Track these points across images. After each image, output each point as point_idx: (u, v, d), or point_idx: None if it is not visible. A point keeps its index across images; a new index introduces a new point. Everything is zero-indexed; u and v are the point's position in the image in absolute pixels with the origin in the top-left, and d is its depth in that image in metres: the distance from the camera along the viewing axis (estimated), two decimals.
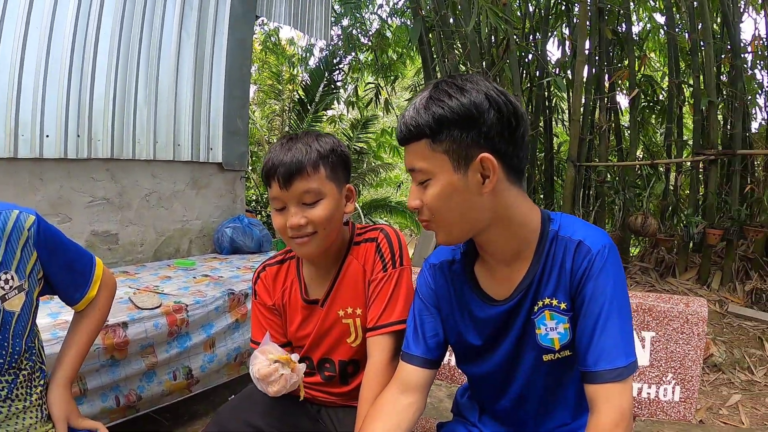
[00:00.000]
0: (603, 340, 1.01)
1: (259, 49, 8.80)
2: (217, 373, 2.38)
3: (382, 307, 1.29)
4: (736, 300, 4.18)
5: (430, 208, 1.04)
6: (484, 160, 0.99)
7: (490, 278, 1.15)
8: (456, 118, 0.98)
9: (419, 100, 1.02)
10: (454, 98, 0.98)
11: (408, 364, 1.20)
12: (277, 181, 1.23)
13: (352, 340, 1.37)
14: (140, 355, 2.06)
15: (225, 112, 3.50)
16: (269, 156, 1.27)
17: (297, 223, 1.24)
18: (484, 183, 1.00)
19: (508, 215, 1.05)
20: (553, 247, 1.08)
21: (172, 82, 3.22)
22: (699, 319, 1.64)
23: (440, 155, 1.00)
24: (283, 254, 1.48)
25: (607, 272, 1.03)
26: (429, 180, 1.02)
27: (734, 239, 4.30)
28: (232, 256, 3.38)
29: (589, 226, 1.09)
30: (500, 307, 1.12)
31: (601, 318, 1.01)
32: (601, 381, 1.00)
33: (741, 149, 4.40)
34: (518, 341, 1.13)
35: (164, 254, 3.30)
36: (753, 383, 3.38)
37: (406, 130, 1.02)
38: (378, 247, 1.34)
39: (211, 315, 2.34)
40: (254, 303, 1.46)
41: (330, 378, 1.41)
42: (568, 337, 1.08)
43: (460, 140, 0.99)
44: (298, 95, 8.45)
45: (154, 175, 3.20)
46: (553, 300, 1.08)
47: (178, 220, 3.37)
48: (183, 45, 3.26)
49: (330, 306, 1.37)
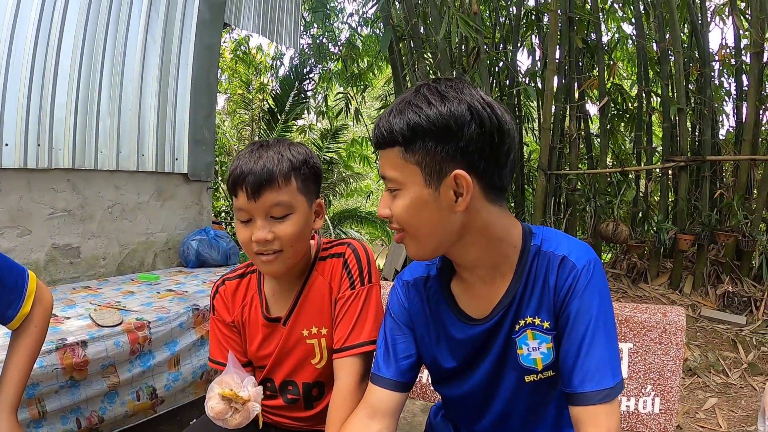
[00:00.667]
0: (589, 360, 0.96)
1: (229, 58, 8.71)
2: (183, 392, 2.29)
3: (350, 327, 1.21)
4: (708, 304, 4.22)
5: (399, 219, 0.98)
6: (457, 176, 0.92)
7: (468, 296, 1.08)
8: (432, 129, 0.91)
9: (397, 104, 0.96)
10: (432, 106, 0.91)
11: (378, 387, 1.13)
12: (245, 191, 1.15)
13: (316, 361, 1.29)
14: (101, 375, 1.97)
15: (191, 120, 3.42)
16: (237, 163, 1.18)
17: (263, 237, 1.15)
18: (456, 201, 0.94)
19: (485, 233, 0.99)
20: (536, 263, 1.02)
21: (136, 90, 3.13)
22: (677, 328, 1.62)
23: (412, 166, 0.94)
24: (244, 268, 1.39)
25: (592, 289, 0.98)
26: (399, 190, 0.96)
27: (705, 244, 4.35)
28: (198, 270, 3.29)
29: (572, 241, 1.04)
30: (479, 327, 1.06)
31: (587, 337, 0.96)
32: (587, 403, 0.94)
33: (710, 155, 4.46)
34: (498, 361, 1.07)
35: (128, 268, 3.19)
36: (728, 386, 3.40)
37: (380, 134, 0.97)
38: (345, 263, 1.27)
39: (174, 332, 2.25)
40: (212, 319, 1.37)
41: (293, 401, 1.33)
42: (552, 357, 1.03)
43: (434, 153, 0.92)
44: (267, 104, 8.39)
45: (117, 186, 3.10)
46: (536, 319, 1.02)
47: (143, 232, 3.27)
48: (148, 51, 3.18)
49: (293, 325, 1.28)
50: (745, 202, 4.34)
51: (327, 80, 8.22)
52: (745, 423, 2.99)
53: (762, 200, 4.21)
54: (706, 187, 4.46)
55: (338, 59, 7.66)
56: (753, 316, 4.02)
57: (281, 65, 8.80)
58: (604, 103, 4.83)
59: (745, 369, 3.54)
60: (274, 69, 8.80)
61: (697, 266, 4.44)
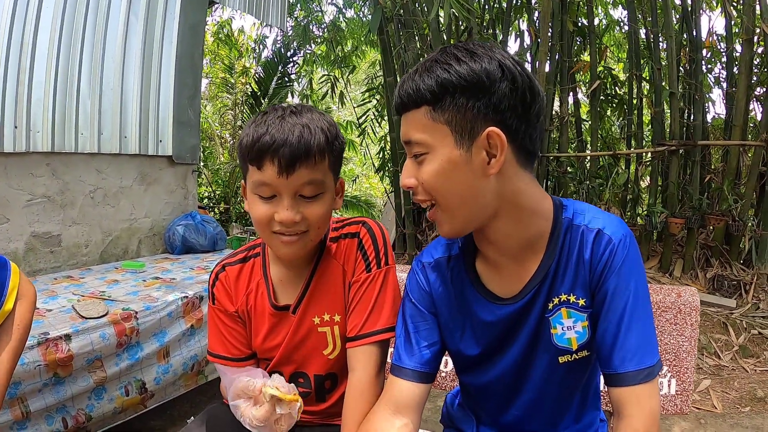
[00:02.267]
0: (629, 339, 0.91)
1: (211, 41, 8.52)
2: (174, 384, 2.21)
3: (366, 313, 1.12)
4: (698, 287, 4.23)
5: (427, 187, 0.91)
6: (491, 135, 0.86)
7: (496, 275, 1.02)
8: (463, 84, 0.85)
9: (422, 64, 0.90)
10: (463, 63, 0.86)
11: (399, 378, 1.05)
12: (276, 165, 1.00)
13: (329, 351, 1.19)
14: (87, 370, 1.88)
15: (175, 101, 3.31)
16: (260, 131, 1.02)
17: (291, 218, 1.03)
18: (489, 163, 0.88)
19: (517, 202, 0.93)
20: (568, 238, 0.96)
21: (118, 69, 3.01)
22: (691, 308, 1.57)
23: (441, 126, 0.87)
24: (246, 251, 1.26)
25: (630, 264, 0.93)
26: (426, 154, 0.90)
27: (695, 228, 4.37)
28: (185, 256, 3.19)
29: (605, 214, 0.98)
30: (510, 307, 1.00)
31: (626, 315, 0.92)
32: (629, 383, 0.90)
33: (701, 140, 4.46)
34: (530, 343, 1.01)
35: (111, 256, 3.08)
36: (721, 368, 3.42)
37: (405, 95, 0.90)
38: (360, 244, 1.16)
39: (163, 322, 2.16)
40: (212, 309, 1.25)
41: (304, 395, 1.21)
42: (587, 336, 0.98)
43: (465, 110, 0.86)
44: (251, 88, 8.22)
45: (98, 170, 2.98)
46: (571, 296, 0.97)
47: (126, 218, 3.16)
48: (131, 29, 3.06)
49: (303, 313, 1.17)
50: (735, 187, 4.36)
51: (311, 63, 8.08)
52: (739, 404, 3.00)
53: (751, 185, 4.23)
54: (697, 171, 4.47)
55: (322, 42, 7.53)
56: (743, 299, 4.04)
57: (264, 48, 8.64)
58: (595, 86, 4.80)
59: (736, 351, 3.56)
60: (257, 52, 8.63)
61: (687, 250, 4.46)
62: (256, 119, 1.07)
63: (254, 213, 1.07)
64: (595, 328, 0.96)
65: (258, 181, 1.03)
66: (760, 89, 4.49)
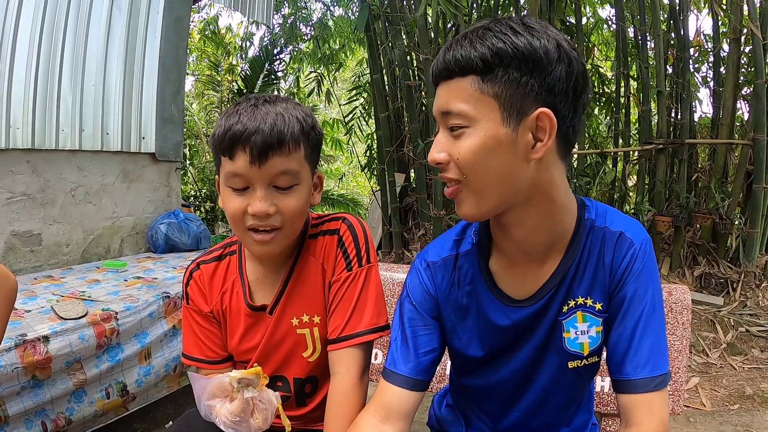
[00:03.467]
0: (644, 345, 0.89)
1: (197, 38, 8.43)
2: (156, 386, 2.16)
3: (348, 314, 1.07)
4: (686, 285, 4.23)
5: (463, 163, 0.83)
6: (542, 116, 0.80)
7: (511, 275, 0.96)
8: (519, 57, 0.79)
9: (471, 32, 0.82)
10: (520, 36, 0.79)
11: (392, 385, 0.99)
12: (247, 153, 0.96)
13: (308, 353, 1.13)
14: (66, 372, 1.83)
15: (159, 97, 3.26)
16: (233, 119, 0.98)
17: (264, 210, 0.98)
18: (534, 146, 0.82)
19: (550, 194, 0.87)
20: (590, 239, 0.93)
21: (100, 64, 2.96)
22: (683, 307, 1.55)
23: (488, 99, 0.80)
24: (221, 249, 1.21)
25: (650, 270, 0.91)
26: (466, 128, 0.82)
27: (682, 226, 4.38)
28: (168, 255, 3.14)
29: (626, 216, 0.96)
30: (525, 309, 0.95)
31: (642, 321, 0.90)
32: (642, 390, 0.88)
33: (688, 139, 4.48)
34: (541, 347, 0.97)
35: (93, 255, 3.02)
36: (709, 365, 3.43)
37: (453, 60, 0.81)
38: (340, 241, 1.10)
39: (144, 322, 2.11)
40: (186, 309, 1.19)
41: (284, 399, 1.16)
42: (599, 342, 0.95)
43: (518, 85, 0.79)
44: (237, 86, 8.14)
45: (80, 168, 2.92)
46: (588, 299, 0.93)
47: (108, 216, 3.10)
48: (114, 23, 3.00)
49: (281, 313, 1.12)
50: (722, 186, 4.38)
51: (298, 61, 8.02)
52: (728, 402, 3.00)
53: (738, 183, 4.26)
54: (684, 170, 4.48)
55: (310, 39, 7.48)
56: (730, 297, 4.06)
57: (251, 45, 8.56)
58: None
59: (724, 349, 3.57)
60: (244, 49, 8.55)
61: (675, 248, 4.47)
62: (229, 109, 1.03)
63: (226, 207, 1.02)
64: (608, 333, 0.93)
65: (230, 172, 0.99)
66: (747, 88, 4.52)
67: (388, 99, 5.20)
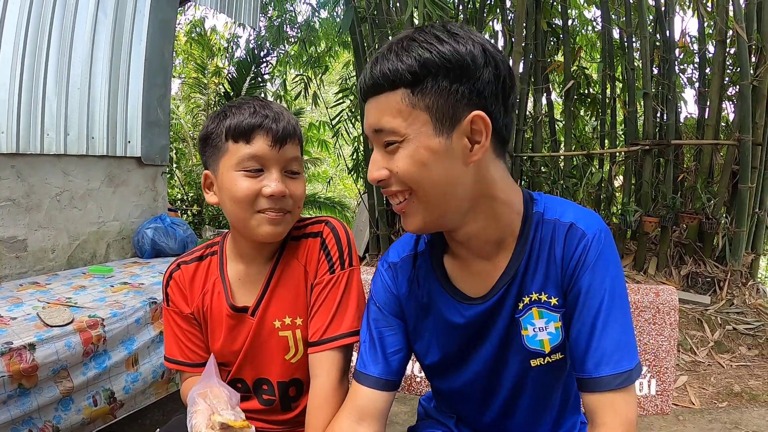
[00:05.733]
0: (604, 341, 0.86)
1: (183, 40, 8.38)
2: (144, 393, 2.13)
3: (329, 317, 1.07)
4: (672, 284, 4.27)
5: (404, 177, 0.83)
6: (476, 119, 0.80)
7: (464, 273, 0.97)
8: (447, 66, 0.79)
9: (395, 44, 0.82)
10: (445, 43, 0.79)
11: (363, 386, 1.00)
12: (268, 137, 1.02)
13: (291, 355, 1.14)
14: (53, 380, 1.80)
15: (144, 101, 3.22)
16: (246, 111, 1.04)
17: (282, 190, 1.03)
18: (472, 149, 0.82)
19: (492, 194, 0.87)
20: (539, 233, 0.91)
21: (86, 68, 2.93)
22: (670, 308, 1.57)
23: (419, 112, 0.80)
24: (203, 249, 1.21)
25: (605, 261, 0.88)
26: (401, 142, 0.82)
27: (669, 226, 4.42)
28: (154, 260, 3.11)
29: (579, 207, 0.93)
30: (478, 307, 0.94)
31: (601, 315, 0.86)
32: (604, 389, 0.85)
33: (674, 140, 4.52)
34: (501, 345, 0.96)
35: (79, 261, 2.98)
36: (697, 364, 3.46)
37: (381, 75, 0.81)
38: (323, 244, 1.11)
39: (131, 328, 2.08)
40: (166, 311, 1.19)
41: (269, 402, 1.17)
42: (560, 338, 0.93)
43: (448, 94, 0.79)
44: (223, 89, 8.11)
45: (65, 172, 2.88)
46: (542, 295, 0.91)
47: (94, 221, 3.06)
48: (99, 26, 2.97)
49: (263, 315, 1.12)
50: (708, 186, 4.42)
51: (284, 64, 8.00)
52: (716, 399, 3.03)
53: (724, 184, 4.29)
54: (670, 170, 4.52)
55: (296, 42, 7.46)
56: (717, 296, 4.10)
57: (237, 48, 8.54)
58: (569, 86, 4.83)
59: (711, 347, 3.60)
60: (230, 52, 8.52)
61: (661, 248, 4.51)
62: (233, 104, 1.08)
63: (236, 190, 1.03)
64: (569, 330, 0.91)
65: (247, 155, 1.03)
66: (732, 89, 4.57)
67: None
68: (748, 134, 4.04)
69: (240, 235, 1.11)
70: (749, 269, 4.37)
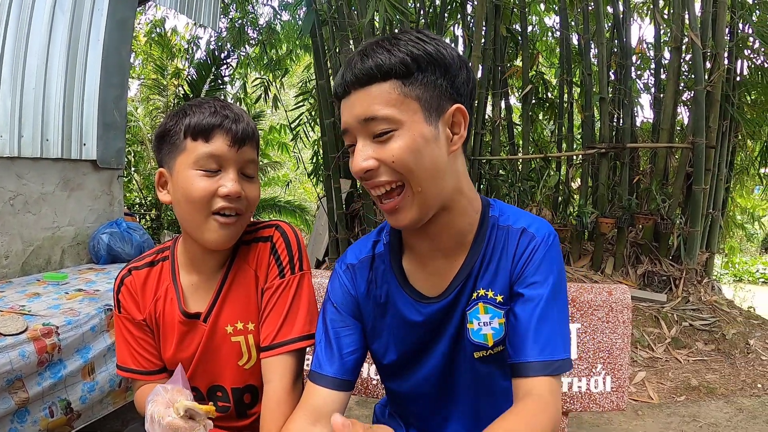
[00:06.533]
0: (543, 330, 0.90)
1: (143, 41, 8.20)
2: (101, 403, 2.07)
3: (280, 322, 1.07)
4: (629, 283, 4.40)
5: (400, 165, 0.86)
6: (458, 111, 0.88)
7: (422, 272, 1.00)
8: (434, 62, 0.86)
9: (381, 41, 0.88)
10: (428, 44, 0.87)
11: (319, 386, 1.00)
12: (228, 136, 1.02)
13: (244, 361, 1.13)
14: (7, 391, 1.73)
15: (101, 102, 3.12)
16: (207, 110, 1.03)
17: (238, 190, 1.02)
18: (452, 139, 0.89)
19: (460, 187, 0.93)
20: (494, 236, 0.97)
21: (41, 67, 2.82)
22: (623, 306, 1.61)
23: (411, 101, 0.85)
24: (154, 254, 1.19)
25: (550, 260, 0.95)
26: (394, 131, 0.86)
27: (625, 227, 4.55)
28: (110, 266, 3.03)
29: (530, 215, 1.01)
30: (435, 305, 0.98)
31: (540, 307, 0.91)
32: (534, 374, 0.88)
33: (630, 143, 4.65)
34: (453, 341, 1.00)
35: (33, 267, 2.87)
36: (655, 359, 3.56)
37: (375, 66, 0.85)
38: (273, 248, 1.11)
39: (86, 336, 2.02)
40: (118, 318, 1.16)
41: (224, 409, 1.15)
42: (503, 333, 0.96)
43: (435, 86, 0.86)
44: (183, 91, 7.97)
45: (19, 175, 2.78)
46: (489, 291, 0.96)
47: (48, 226, 2.96)
48: (56, 24, 2.87)
49: (215, 321, 1.11)
50: (663, 187, 4.57)
51: (245, 66, 7.92)
52: (675, 394, 3.13)
53: (678, 185, 4.45)
54: (626, 173, 4.66)
55: (257, 44, 7.39)
56: (672, 293, 4.24)
57: (197, 49, 8.39)
58: (527, 91, 4.93)
59: (668, 343, 3.72)
60: (190, 53, 8.37)
61: (618, 248, 4.63)
62: (193, 103, 1.07)
63: (194, 190, 1.02)
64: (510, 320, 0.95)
65: (205, 154, 1.02)
66: (687, 94, 4.74)
67: (334, 105, 5.19)
68: (702, 137, 4.19)
69: (190, 238, 1.09)
70: (704, 267, 4.54)
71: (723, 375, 3.36)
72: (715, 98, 4.29)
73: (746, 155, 5.67)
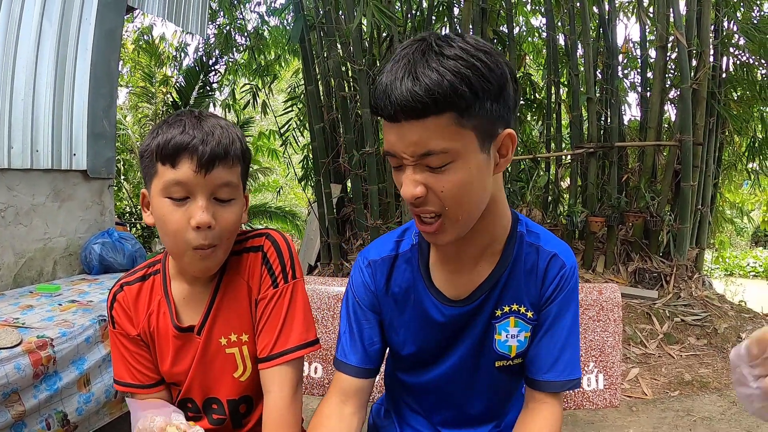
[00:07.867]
0: (564, 356, 1.01)
1: (131, 48, 8.17)
2: (97, 414, 2.07)
3: (277, 332, 1.06)
4: (620, 281, 4.43)
5: (449, 197, 0.84)
6: (509, 137, 0.86)
7: (448, 275, 1.02)
8: (491, 88, 0.80)
9: (436, 61, 0.78)
10: (483, 62, 0.79)
11: (344, 374, 1.06)
12: (193, 161, 0.94)
13: (239, 373, 1.12)
14: (4, 404, 1.73)
15: (90, 112, 3.11)
16: (175, 130, 0.96)
17: (207, 221, 0.96)
18: (498, 163, 0.89)
19: (496, 200, 0.94)
20: (523, 251, 1.01)
21: (30, 78, 2.81)
22: (614, 305, 1.63)
23: (468, 132, 0.81)
24: (145, 268, 1.17)
25: (575, 290, 1.02)
26: (451, 163, 0.81)
27: (615, 225, 4.58)
28: (103, 276, 3.01)
29: (557, 239, 1.05)
30: (460, 309, 1.01)
31: (566, 333, 1.01)
32: (552, 390, 1.02)
33: (618, 142, 4.69)
34: (475, 347, 1.04)
35: (26, 279, 2.86)
36: (648, 356, 3.59)
37: (426, 95, 0.76)
38: (265, 258, 1.09)
39: (81, 348, 2.02)
40: (113, 333, 1.14)
41: (220, 422, 1.15)
42: (525, 346, 1.03)
43: (489, 114, 0.81)
44: (171, 98, 7.94)
45: (9, 187, 2.76)
46: (521, 307, 1.02)
47: (40, 238, 2.94)
48: (44, 34, 2.86)
49: (209, 333, 1.09)
50: (652, 185, 4.61)
51: (233, 72, 7.90)
52: (668, 389, 3.16)
53: (667, 182, 4.49)
54: (615, 171, 4.69)
55: (245, 50, 7.38)
56: (664, 290, 4.27)
57: (186, 56, 8.37)
58: None
59: (661, 339, 3.75)
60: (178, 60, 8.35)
61: (608, 246, 4.67)
62: (169, 119, 1.01)
63: (166, 222, 0.98)
64: (532, 341, 1.03)
65: (171, 181, 0.96)
66: (674, 92, 4.78)
67: (323, 110, 5.20)
68: (689, 135, 4.24)
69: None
70: (694, 263, 4.58)
71: (716, 369, 3.40)
72: (702, 96, 4.34)
73: (734, 151, 5.72)
